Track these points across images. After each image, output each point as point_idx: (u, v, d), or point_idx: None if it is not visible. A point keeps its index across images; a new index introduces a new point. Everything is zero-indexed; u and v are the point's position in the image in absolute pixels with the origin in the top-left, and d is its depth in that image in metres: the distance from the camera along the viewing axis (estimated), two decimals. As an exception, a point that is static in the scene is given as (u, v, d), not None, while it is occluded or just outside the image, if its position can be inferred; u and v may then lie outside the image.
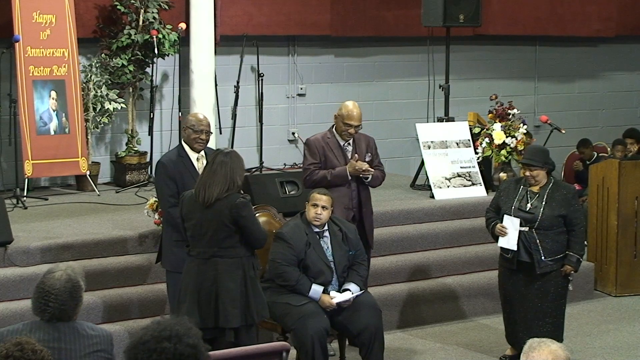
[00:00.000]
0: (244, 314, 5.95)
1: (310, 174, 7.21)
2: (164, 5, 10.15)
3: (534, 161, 6.99)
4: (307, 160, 7.26)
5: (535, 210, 6.94)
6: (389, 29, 11.74)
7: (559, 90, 13.19)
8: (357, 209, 7.27)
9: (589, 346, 7.71)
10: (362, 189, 7.30)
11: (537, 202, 6.97)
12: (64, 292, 4.26)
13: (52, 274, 4.32)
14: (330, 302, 6.56)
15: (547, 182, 7.05)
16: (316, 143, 7.27)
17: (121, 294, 7.40)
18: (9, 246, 7.39)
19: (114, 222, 8.29)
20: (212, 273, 5.93)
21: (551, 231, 6.94)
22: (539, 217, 6.92)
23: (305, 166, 7.28)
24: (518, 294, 7.08)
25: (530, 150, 7.36)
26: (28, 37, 9.27)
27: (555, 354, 3.57)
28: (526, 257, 6.95)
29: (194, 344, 3.17)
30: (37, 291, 4.29)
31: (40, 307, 4.26)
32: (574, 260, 7.00)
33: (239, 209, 5.87)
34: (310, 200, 6.70)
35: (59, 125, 9.49)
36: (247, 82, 11.02)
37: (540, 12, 12.53)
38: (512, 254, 7.01)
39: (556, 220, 6.94)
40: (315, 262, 6.62)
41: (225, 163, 5.92)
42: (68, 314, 4.28)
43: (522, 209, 6.99)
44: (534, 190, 7.04)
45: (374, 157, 7.39)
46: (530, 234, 6.94)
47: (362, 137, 7.39)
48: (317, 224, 6.69)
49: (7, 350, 3.53)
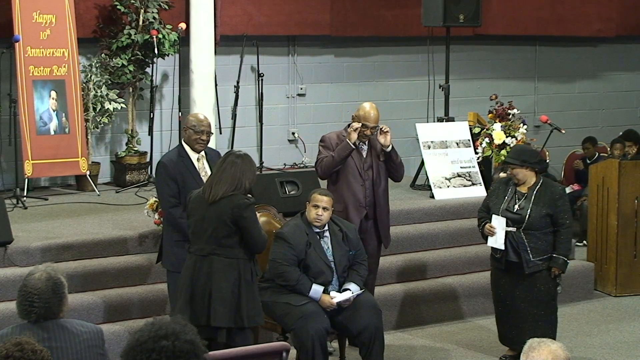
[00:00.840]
0: (234, 316, 5.93)
1: (319, 163, 7.24)
2: (164, 5, 10.15)
3: (512, 159, 7.08)
4: (320, 154, 7.29)
5: (522, 211, 6.98)
6: (389, 29, 11.74)
7: (559, 90, 13.19)
8: (372, 207, 7.26)
9: (589, 346, 7.71)
10: (377, 186, 7.28)
11: (524, 203, 7.00)
12: (47, 290, 4.30)
13: (32, 275, 4.38)
14: (331, 302, 6.56)
15: (535, 182, 7.07)
16: (331, 140, 7.30)
17: (121, 294, 7.40)
18: (9, 246, 7.39)
19: (114, 222, 8.29)
20: (207, 270, 5.94)
21: (539, 231, 6.98)
22: (526, 217, 6.95)
23: (317, 160, 7.30)
24: (509, 295, 7.11)
25: (513, 149, 7.51)
26: (28, 37, 9.27)
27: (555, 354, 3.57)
28: (514, 257, 6.99)
29: (191, 340, 3.18)
30: (20, 294, 4.34)
31: (25, 309, 4.31)
32: (560, 262, 7.03)
33: (241, 210, 5.87)
34: (311, 201, 6.70)
35: (59, 125, 9.49)
36: (247, 82, 11.02)
37: (540, 12, 12.53)
38: (500, 253, 7.05)
39: (544, 221, 6.97)
40: (315, 262, 6.62)
41: (236, 164, 5.94)
42: (53, 311, 4.32)
43: (510, 209, 7.03)
44: (522, 191, 7.06)
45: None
46: (518, 235, 6.97)
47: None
48: (318, 224, 6.69)
49: (7, 351, 3.53)
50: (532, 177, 7.07)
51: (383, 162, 7.31)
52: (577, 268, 9.04)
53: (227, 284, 5.91)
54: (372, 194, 7.27)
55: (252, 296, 6.03)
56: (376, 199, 7.29)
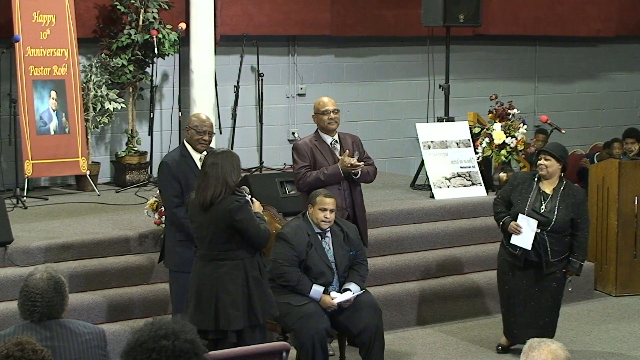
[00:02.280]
0: (248, 316, 5.94)
1: (302, 176, 7.18)
2: (164, 5, 10.15)
3: (551, 150, 7.12)
4: (297, 164, 7.25)
5: (549, 214, 7.03)
6: (389, 29, 11.74)
7: (559, 90, 13.19)
8: (351, 208, 7.28)
9: (589, 346, 7.71)
10: (353, 188, 7.28)
11: (550, 205, 7.05)
12: (49, 289, 4.31)
13: (34, 275, 4.39)
14: (331, 303, 6.56)
15: (559, 183, 7.12)
16: (304, 146, 7.27)
17: (121, 293, 7.40)
18: (9, 246, 7.39)
19: (114, 222, 8.29)
20: (213, 276, 5.92)
21: (560, 234, 7.07)
22: (552, 221, 7.02)
23: (296, 170, 7.25)
24: (521, 291, 7.18)
25: (551, 143, 7.52)
26: (28, 37, 9.28)
27: (555, 354, 3.57)
28: (535, 257, 7.07)
29: (191, 339, 3.18)
30: (22, 295, 4.34)
31: (28, 309, 4.32)
32: (576, 267, 7.13)
33: (233, 214, 5.83)
34: (318, 204, 6.67)
35: (59, 125, 9.49)
36: (247, 82, 11.02)
37: (540, 12, 12.53)
38: (520, 250, 7.09)
39: (567, 225, 7.08)
40: (316, 263, 6.62)
41: (215, 165, 5.88)
42: (57, 310, 4.33)
43: (536, 210, 7.06)
44: (547, 192, 7.10)
45: (362, 154, 7.38)
46: (542, 236, 7.04)
47: (347, 136, 7.43)
48: (326, 227, 6.69)
49: (7, 350, 3.53)
50: (558, 174, 7.13)
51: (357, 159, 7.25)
52: (577, 268, 9.06)
53: (235, 287, 5.90)
54: (350, 195, 7.27)
55: (263, 291, 6.02)
56: (354, 200, 7.29)
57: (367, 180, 7.40)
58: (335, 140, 7.30)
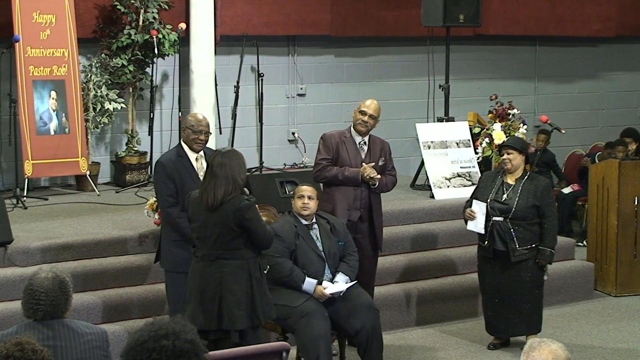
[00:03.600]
0: (250, 316, 5.94)
1: (321, 169, 7.27)
2: (164, 5, 10.15)
3: (512, 144, 7.41)
4: (319, 154, 7.33)
5: (509, 201, 7.27)
6: (389, 29, 11.74)
7: (559, 90, 13.19)
8: (367, 210, 7.29)
9: (589, 346, 7.71)
10: (372, 193, 7.32)
11: (512, 194, 7.30)
12: (53, 288, 4.31)
13: (38, 275, 4.38)
14: (323, 293, 6.58)
15: (523, 174, 7.37)
16: (331, 138, 7.34)
17: (121, 294, 7.40)
18: (9, 246, 7.39)
19: (114, 222, 8.29)
20: (217, 275, 5.91)
21: (525, 221, 7.27)
22: (513, 207, 7.24)
23: (317, 160, 7.34)
24: (495, 283, 7.39)
25: (511, 137, 7.99)
26: (28, 37, 9.27)
27: (556, 354, 3.57)
28: (502, 246, 7.27)
29: (191, 339, 3.19)
30: (27, 293, 4.33)
31: (32, 308, 4.31)
32: (546, 254, 7.32)
33: (243, 212, 5.84)
34: (296, 193, 6.83)
35: (59, 125, 9.49)
36: (247, 82, 11.02)
37: (540, 12, 12.53)
38: (486, 239, 7.31)
39: (530, 211, 7.26)
40: (306, 252, 6.68)
41: (223, 164, 5.89)
42: (60, 309, 4.33)
43: (497, 199, 7.32)
44: (510, 182, 7.35)
45: (387, 162, 7.44)
46: (505, 224, 7.26)
47: (378, 140, 7.50)
48: (306, 213, 6.74)
49: (7, 350, 3.52)
50: (522, 166, 7.38)
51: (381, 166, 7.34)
52: (577, 268, 9.05)
53: (240, 287, 5.89)
54: (368, 196, 7.29)
55: (264, 292, 6.04)
56: (372, 201, 7.31)
57: (383, 191, 7.49)
58: (365, 142, 7.36)
